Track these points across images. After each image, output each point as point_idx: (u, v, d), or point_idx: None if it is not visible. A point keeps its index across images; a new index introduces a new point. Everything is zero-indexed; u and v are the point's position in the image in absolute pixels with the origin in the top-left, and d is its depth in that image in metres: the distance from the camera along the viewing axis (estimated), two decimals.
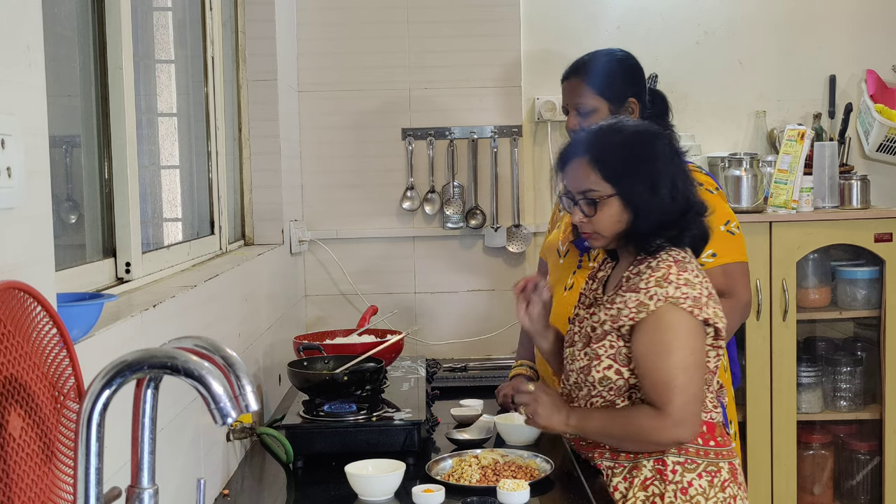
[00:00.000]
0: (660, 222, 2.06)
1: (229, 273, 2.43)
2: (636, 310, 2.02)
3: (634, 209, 2.06)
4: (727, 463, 2.10)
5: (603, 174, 2.07)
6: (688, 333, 2.00)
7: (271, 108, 3.27)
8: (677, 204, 2.06)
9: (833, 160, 3.66)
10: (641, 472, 2.07)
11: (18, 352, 1.12)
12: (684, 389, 1.99)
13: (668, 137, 2.16)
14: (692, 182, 2.13)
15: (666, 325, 2.00)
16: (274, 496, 2.20)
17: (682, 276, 2.02)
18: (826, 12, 3.89)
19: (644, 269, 2.06)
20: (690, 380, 2.00)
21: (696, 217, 2.10)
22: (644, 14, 3.86)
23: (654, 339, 2.01)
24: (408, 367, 2.90)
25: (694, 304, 2.00)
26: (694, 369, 2.01)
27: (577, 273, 2.59)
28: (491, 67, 3.76)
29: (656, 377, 2.00)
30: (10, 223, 1.20)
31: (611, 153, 2.09)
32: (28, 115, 1.26)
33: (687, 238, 2.09)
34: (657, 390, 2.00)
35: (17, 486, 1.08)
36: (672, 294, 2.00)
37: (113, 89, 2.02)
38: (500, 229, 3.77)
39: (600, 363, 2.08)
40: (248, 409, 1.21)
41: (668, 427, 1.99)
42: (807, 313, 3.68)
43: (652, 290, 2.01)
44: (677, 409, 1.99)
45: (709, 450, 2.08)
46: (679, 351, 1.99)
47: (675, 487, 2.04)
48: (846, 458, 3.78)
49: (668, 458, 2.05)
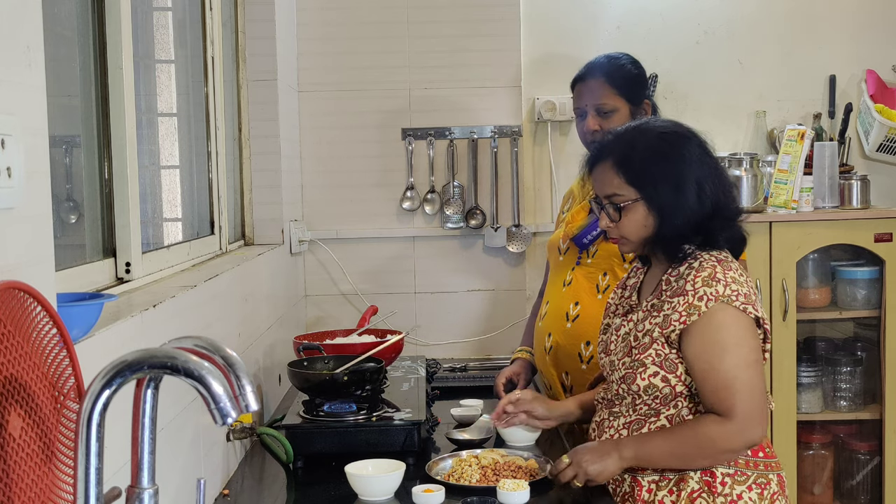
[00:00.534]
0: (686, 226, 2.01)
1: (229, 273, 2.43)
2: (686, 312, 1.96)
3: (659, 213, 2.01)
4: (776, 475, 2.04)
5: (627, 178, 2.03)
6: (743, 331, 1.95)
7: (271, 108, 3.27)
8: (704, 207, 2.01)
9: (833, 160, 3.66)
10: (688, 484, 1.99)
11: (18, 352, 1.12)
12: (747, 389, 1.92)
13: (699, 139, 2.10)
14: (726, 185, 2.07)
15: (718, 324, 1.94)
16: (274, 496, 2.20)
17: (728, 274, 1.98)
18: (826, 12, 3.89)
19: (686, 271, 2.01)
20: (752, 377, 1.93)
21: (727, 221, 2.05)
22: (644, 14, 3.86)
23: (707, 340, 1.95)
24: (408, 367, 2.90)
25: (746, 302, 1.96)
26: (755, 366, 1.95)
27: (576, 269, 2.61)
28: (491, 67, 3.76)
29: (716, 379, 1.94)
30: (10, 223, 1.20)
31: (635, 156, 2.04)
32: (28, 115, 1.26)
33: (720, 241, 2.04)
34: (719, 394, 1.93)
35: (17, 486, 1.08)
36: (723, 292, 1.95)
37: (113, 89, 2.02)
38: (500, 229, 3.77)
39: (646, 370, 2.01)
40: (248, 409, 1.21)
41: (739, 431, 1.93)
42: (807, 313, 3.68)
43: (700, 290, 1.96)
44: (744, 410, 1.92)
45: (758, 461, 2.01)
46: (736, 349, 1.93)
47: (725, 500, 1.96)
48: (846, 458, 3.78)
49: (718, 470, 1.98)
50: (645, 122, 2.19)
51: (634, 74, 2.70)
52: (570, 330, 2.57)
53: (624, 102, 2.64)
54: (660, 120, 2.20)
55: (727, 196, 2.07)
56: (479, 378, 3.22)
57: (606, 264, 2.57)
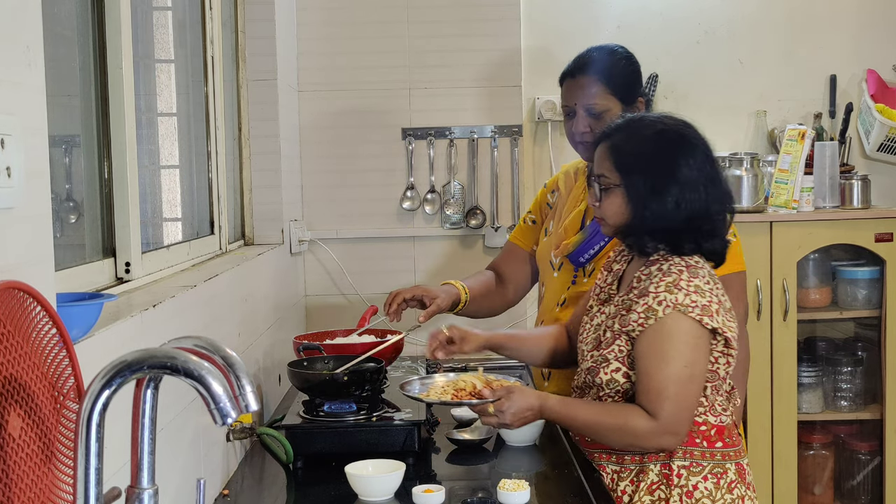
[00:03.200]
0: (656, 227, 2.04)
1: (229, 273, 2.42)
2: (644, 315, 2.01)
3: (635, 206, 2.05)
4: (734, 464, 2.08)
5: (615, 163, 2.07)
6: (689, 344, 1.99)
7: (271, 107, 3.27)
8: (680, 214, 2.03)
9: (833, 160, 3.66)
10: (648, 476, 2.06)
11: (18, 352, 1.11)
12: (675, 400, 1.98)
13: (705, 147, 2.10)
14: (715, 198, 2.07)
15: (668, 332, 1.99)
16: (274, 496, 2.20)
17: (692, 282, 2.01)
18: (826, 12, 3.89)
19: (655, 272, 2.04)
20: (683, 392, 1.99)
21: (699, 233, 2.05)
22: (644, 14, 3.86)
23: (654, 345, 2.00)
24: (408, 367, 2.90)
25: (703, 313, 1.99)
26: (688, 382, 1.99)
27: (571, 289, 2.52)
28: (491, 67, 3.76)
29: (649, 383, 2.00)
30: (10, 223, 1.20)
31: (629, 145, 2.08)
32: (28, 115, 1.26)
33: (687, 249, 2.06)
34: (650, 396, 2.00)
35: (17, 486, 1.08)
36: (681, 301, 1.98)
37: (113, 89, 2.02)
38: (500, 229, 3.77)
39: (608, 366, 2.07)
40: (248, 409, 1.21)
41: (658, 434, 2.00)
42: (807, 313, 3.68)
43: (661, 294, 2.00)
44: (667, 418, 1.99)
45: (715, 451, 2.07)
46: (676, 361, 1.98)
47: (681, 491, 2.03)
48: (847, 459, 3.78)
49: (674, 463, 2.04)
50: (659, 116, 2.18)
51: (629, 71, 2.51)
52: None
53: (616, 102, 2.45)
54: (673, 118, 2.17)
55: (713, 212, 2.07)
56: None
57: None
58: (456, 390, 2.20)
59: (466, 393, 2.18)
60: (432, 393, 2.23)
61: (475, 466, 2.31)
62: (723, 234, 2.11)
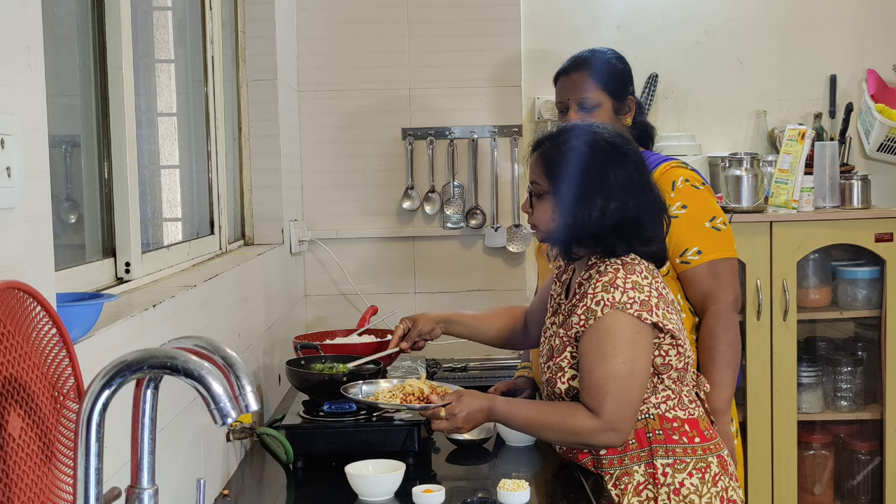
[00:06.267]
0: (583, 234, 2.07)
1: (229, 273, 2.42)
2: (584, 317, 2.04)
3: (561, 213, 2.08)
4: (716, 456, 2.10)
5: (544, 169, 2.12)
6: (627, 341, 2.00)
7: (271, 107, 3.27)
8: (606, 221, 2.05)
9: (834, 160, 3.66)
10: (633, 477, 2.07)
11: (18, 352, 1.11)
12: (617, 397, 2.00)
13: (636, 158, 2.13)
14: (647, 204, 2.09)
15: (606, 330, 2.01)
16: (274, 496, 2.20)
17: (629, 279, 2.03)
18: (826, 12, 3.89)
19: (593, 275, 2.07)
20: (625, 388, 2.00)
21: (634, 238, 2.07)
22: (644, 14, 3.86)
23: (593, 344, 2.02)
24: (408, 367, 2.89)
25: (641, 308, 2.01)
26: (629, 378, 2.01)
27: None
28: (491, 67, 3.76)
29: (590, 380, 2.02)
30: (10, 223, 1.20)
31: (557, 152, 2.11)
32: (28, 115, 1.26)
33: (620, 252, 2.07)
34: (591, 393, 2.02)
35: (17, 486, 1.08)
36: (619, 299, 2.01)
37: (113, 89, 2.02)
38: (500, 229, 3.77)
39: (564, 374, 2.09)
40: (248, 409, 1.21)
41: (601, 431, 2.01)
42: (807, 313, 3.68)
43: (599, 295, 2.03)
44: (609, 415, 2.00)
45: (696, 447, 2.08)
46: (615, 358, 2.00)
47: (668, 490, 2.05)
48: (847, 459, 3.78)
49: (658, 462, 2.06)
50: (590, 124, 2.21)
51: (619, 69, 2.62)
52: None
53: (607, 97, 2.56)
54: (605, 128, 2.19)
55: (643, 219, 2.09)
56: (479, 378, 3.22)
57: None
58: (404, 395, 2.21)
59: (415, 398, 2.19)
60: (381, 396, 2.23)
61: (475, 466, 2.31)
62: (660, 237, 2.14)
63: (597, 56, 2.62)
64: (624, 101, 2.58)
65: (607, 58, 2.62)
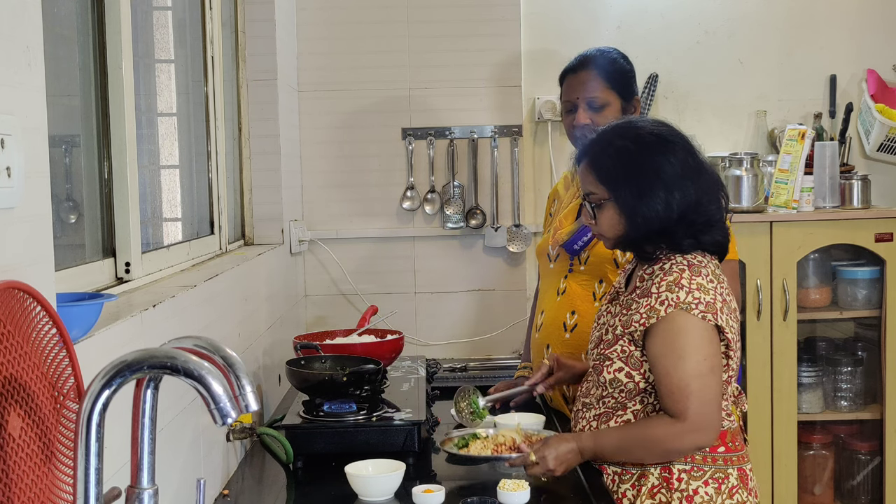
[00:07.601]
0: (651, 231, 2.03)
1: (229, 273, 2.42)
2: (647, 315, 2.00)
3: (627, 216, 2.04)
4: (737, 469, 2.08)
5: (598, 177, 2.07)
6: (701, 338, 1.97)
7: (271, 108, 3.27)
8: (672, 213, 2.01)
9: (834, 160, 3.66)
10: (649, 479, 2.05)
11: (18, 352, 1.11)
12: (700, 395, 1.96)
13: (684, 143, 2.09)
14: (705, 191, 2.06)
15: (677, 329, 1.97)
16: (274, 496, 2.20)
17: (694, 280, 2.00)
18: (826, 12, 3.89)
19: (657, 272, 2.04)
20: (706, 385, 1.97)
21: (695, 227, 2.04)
22: (644, 14, 3.86)
23: (666, 344, 1.99)
24: (408, 367, 2.89)
25: (706, 310, 1.98)
26: (709, 375, 1.98)
27: (569, 277, 2.56)
28: (491, 67, 3.76)
29: (671, 383, 1.98)
30: (10, 223, 1.20)
31: (608, 157, 2.07)
32: (28, 115, 1.26)
33: (686, 245, 2.05)
34: (673, 396, 1.98)
35: (17, 486, 1.08)
36: (683, 299, 1.98)
37: (113, 89, 2.02)
38: (501, 229, 3.77)
39: (612, 365, 2.07)
40: (248, 409, 1.21)
41: (687, 433, 1.97)
42: (807, 313, 3.68)
43: (663, 294, 2.00)
44: (694, 415, 1.96)
45: (717, 456, 2.06)
46: (692, 356, 1.97)
47: (681, 495, 2.02)
48: (847, 459, 3.78)
49: (674, 466, 2.04)
50: (629, 120, 2.18)
51: (626, 69, 2.63)
52: (569, 340, 2.52)
53: (616, 97, 2.57)
54: (646, 120, 2.17)
55: (704, 203, 2.05)
56: (479, 378, 3.22)
57: (600, 270, 2.51)
58: (496, 445, 2.20)
59: (506, 447, 2.18)
60: (473, 449, 2.21)
61: (475, 466, 2.30)
62: (721, 222, 2.09)
63: (604, 55, 2.62)
64: (631, 101, 2.59)
65: (614, 57, 2.62)
